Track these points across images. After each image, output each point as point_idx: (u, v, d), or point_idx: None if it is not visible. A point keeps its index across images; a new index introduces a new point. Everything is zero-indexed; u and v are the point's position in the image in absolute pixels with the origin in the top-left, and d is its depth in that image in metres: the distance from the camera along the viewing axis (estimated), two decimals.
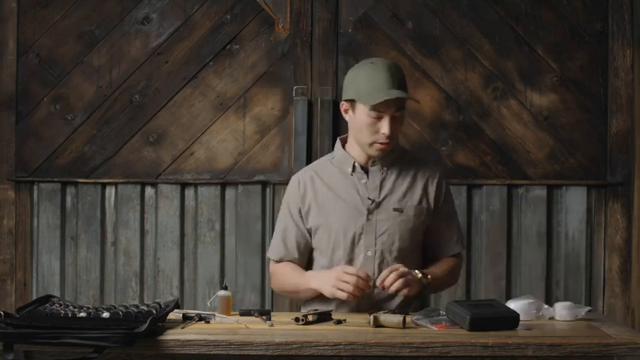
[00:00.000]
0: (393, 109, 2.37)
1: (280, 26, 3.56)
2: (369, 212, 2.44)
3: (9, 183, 3.59)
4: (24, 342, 1.92)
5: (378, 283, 2.30)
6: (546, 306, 2.26)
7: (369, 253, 2.43)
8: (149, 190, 3.59)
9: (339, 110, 2.54)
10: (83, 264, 3.58)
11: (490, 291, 3.49)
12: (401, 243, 2.44)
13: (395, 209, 2.44)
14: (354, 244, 2.44)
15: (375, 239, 2.43)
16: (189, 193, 3.58)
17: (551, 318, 2.24)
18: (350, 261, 2.44)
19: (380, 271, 2.38)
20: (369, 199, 2.44)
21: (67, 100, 3.59)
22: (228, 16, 3.57)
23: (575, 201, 3.52)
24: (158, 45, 3.58)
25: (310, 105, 3.50)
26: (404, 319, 2.07)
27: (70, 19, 3.59)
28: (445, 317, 2.14)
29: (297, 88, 3.52)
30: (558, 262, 3.53)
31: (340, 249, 2.44)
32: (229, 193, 3.57)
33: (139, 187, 3.58)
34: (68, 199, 3.60)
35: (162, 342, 1.94)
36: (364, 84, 2.38)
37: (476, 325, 2.03)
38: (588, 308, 2.28)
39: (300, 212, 2.51)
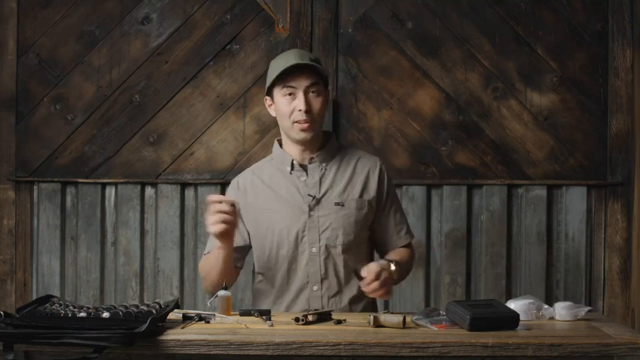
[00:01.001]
0: (305, 82, 2.41)
1: (280, 26, 3.56)
2: (311, 209, 2.45)
3: (9, 183, 3.59)
4: (24, 342, 1.91)
5: (364, 288, 2.30)
6: (546, 306, 2.26)
7: (314, 250, 2.44)
8: (149, 190, 3.59)
9: (339, 110, 2.56)
10: (83, 264, 3.58)
11: (490, 291, 3.49)
12: (345, 237, 2.45)
13: (336, 204, 2.46)
14: (297, 241, 2.45)
15: (319, 235, 2.44)
16: (189, 193, 3.58)
17: (551, 318, 2.24)
18: (294, 258, 2.45)
19: (326, 267, 2.43)
20: (309, 195, 2.45)
21: (67, 100, 3.59)
22: (228, 16, 3.57)
23: (575, 201, 3.52)
24: (158, 45, 3.58)
25: None
26: (404, 319, 2.07)
27: (70, 19, 3.59)
28: (445, 317, 2.14)
29: None
30: (558, 262, 3.53)
31: (284, 247, 2.46)
32: None
33: (139, 187, 3.58)
34: (68, 199, 3.60)
35: (162, 342, 1.94)
36: (274, 68, 2.45)
37: (476, 325, 2.03)
38: (588, 308, 2.27)
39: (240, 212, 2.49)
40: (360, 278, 2.30)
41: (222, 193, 3.55)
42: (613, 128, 3.51)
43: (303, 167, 2.50)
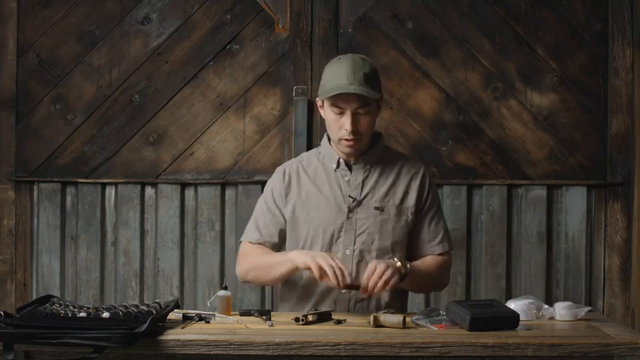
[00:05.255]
0: (355, 105, 2.38)
1: (280, 26, 3.56)
2: (350, 210, 2.44)
3: (9, 183, 3.59)
4: (24, 342, 1.92)
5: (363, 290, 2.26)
6: (546, 306, 2.26)
7: (348, 252, 2.43)
8: (149, 190, 3.59)
9: None
10: (83, 264, 3.58)
11: (490, 291, 3.49)
12: (380, 242, 2.43)
13: (376, 208, 2.44)
14: (332, 241, 2.44)
15: (355, 238, 2.43)
16: (189, 193, 3.58)
17: (551, 318, 2.24)
18: None
19: (358, 271, 2.39)
20: (350, 197, 2.44)
21: (67, 100, 3.59)
22: (228, 16, 3.57)
23: (575, 201, 3.52)
24: (158, 45, 3.58)
25: (310, 105, 3.50)
26: (404, 319, 2.07)
27: (70, 19, 3.59)
28: (445, 317, 2.14)
29: (297, 88, 3.52)
30: (558, 262, 3.53)
31: (318, 244, 2.44)
32: (229, 193, 3.57)
33: (139, 187, 3.58)
34: (68, 199, 3.60)
35: (162, 342, 1.94)
36: (328, 80, 2.42)
37: (476, 325, 2.03)
38: (588, 308, 2.28)
39: (281, 201, 2.51)
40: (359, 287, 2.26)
41: (223, 193, 3.56)
42: (613, 128, 3.51)
43: (348, 166, 2.49)
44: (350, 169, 2.48)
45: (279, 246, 2.55)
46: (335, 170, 2.48)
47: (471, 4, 3.53)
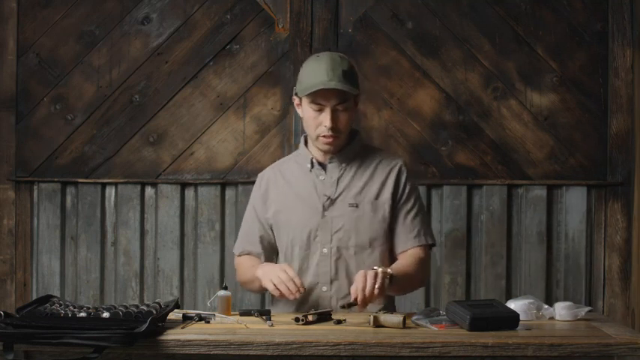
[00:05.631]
0: (334, 101, 2.38)
1: (280, 26, 3.56)
2: (325, 209, 2.45)
3: (9, 183, 3.59)
4: (24, 342, 1.92)
5: (354, 302, 2.24)
6: (546, 306, 2.26)
7: (325, 250, 2.44)
8: (149, 190, 3.59)
9: None
10: (83, 264, 3.58)
11: (490, 291, 3.49)
12: (357, 239, 2.43)
13: (350, 205, 2.44)
14: (310, 241, 2.45)
15: (331, 236, 2.44)
16: (189, 193, 3.58)
17: (551, 318, 2.24)
18: (306, 257, 2.45)
19: (337, 268, 2.42)
20: (324, 195, 2.45)
21: (67, 100, 3.59)
22: (228, 16, 3.57)
23: (575, 201, 3.52)
24: (158, 45, 3.58)
25: None
26: (404, 319, 2.07)
27: (70, 19, 3.59)
28: (445, 317, 2.14)
29: None
30: (558, 262, 3.53)
31: (297, 246, 2.47)
32: (229, 193, 3.57)
33: (138, 187, 3.58)
34: (68, 199, 3.60)
35: (162, 342, 1.94)
36: (305, 77, 2.42)
37: (476, 325, 2.03)
38: (588, 308, 2.27)
39: (262, 209, 2.54)
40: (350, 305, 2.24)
41: (222, 192, 3.56)
42: (613, 128, 3.51)
43: (323, 166, 2.50)
44: (324, 168, 2.49)
45: (267, 253, 2.57)
46: (310, 171, 2.49)
47: (471, 4, 3.53)
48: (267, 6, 3.56)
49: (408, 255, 2.47)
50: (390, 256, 2.50)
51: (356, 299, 2.19)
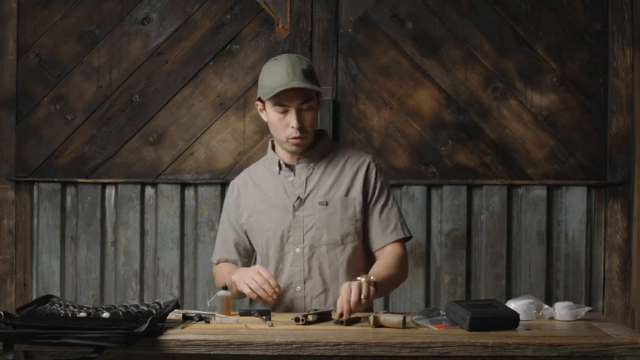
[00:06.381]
0: (297, 101, 2.40)
1: (280, 26, 3.56)
2: (295, 209, 2.46)
3: (9, 183, 3.59)
4: (24, 342, 1.92)
5: (341, 315, 2.20)
6: (546, 306, 2.26)
7: (298, 250, 2.45)
8: (149, 190, 3.59)
9: (339, 110, 2.55)
10: (83, 264, 3.58)
11: (490, 291, 3.49)
12: (329, 236, 2.43)
13: (320, 203, 2.45)
14: (283, 242, 2.47)
15: (303, 235, 2.45)
16: (189, 193, 3.58)
17: (551, 318, 2.24)
18: (281, 259, 2.46)
19: (310, 267, 2.44)
20: (294, 195, 2.47)
21: (67, 100, 3.59)
22: (228, 16, 3.57)
23: (575, 201, 3.52)
24: (158, 45, 3.58)
25: None
26: (404, 319, 2.07)
27: (70, 19, 3.59)
28: (445, 317, 2.14)
29: None
30: (558, 262, 3.53)
31: (272, 248, 2.48)
32: None
33: (138, 187, 3.58)
34: (68, 199, 3.60)
35: (162, 342, 1.94)
36: (267, 80, 2.44)
37: (476, 325, 2.03)
38: (588, 308, 2.27)
39: (236, 216, 2.56)
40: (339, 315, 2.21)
41: (222, 193, 3.56)
42: (613, 128, 3.51)
43: (291, 167, 2.51)
44: (292, 169, 2.50)
45: (242, 259, 2.59)
46: (279, 173, 2.51)
47: (471, 4, 3.53)
48: (267, 6, 3.56)
49: (387, 254, 2.47)
50: (363, 252, 2.51)
51: (342, 313, 2.17)
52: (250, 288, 2.31)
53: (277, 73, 2.41)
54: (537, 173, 3.53)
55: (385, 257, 2.47)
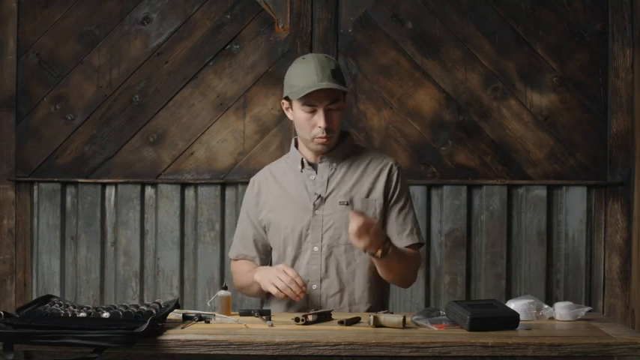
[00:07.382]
0: (326, 101, 2.40)
1: (280, 26, 3.56)
2: (315, 207, 2.47)
3: (9, 183, 3.59)
4: (24, 342, 1.92)
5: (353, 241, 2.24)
6: (546, 306, 2.26)
7: (316, 249, 2.46)
8: (149, 190, 3.59)
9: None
10: (83, 264, 3.58)
11: (490, 291, 3.49)
12: (348, 237, 2.42)
13: (341, 203, 2.46)
14: (301, 240, 2.47)
15: (322, 234, 2.46)
16: (189, 193, 3.58)
17: (551, 318, 2.24)
18: (298, 257, 2.47)
19: (327, 266, 2.44)
20: (315, 194, 2.46)
21: (67, 100, 3.59)
22: (228, 16, 3.57)
23: (575, 201, 3.52)
24: (158, 45, 3.58)
25: None
26: (404, 319, 2.07)
27: (70, 19, 3.59)
28: (445, 317, 2.14)
29: None
30: (558, 262, 3.53)
31: (290, 245, 2.49)
32: (229, 193, 3.57)
33: (138, 187, 3.58)
34: (68, 199, 3.60)
35: (162, 342, 1.94)
36: (295, 80, 2.43)
37: (476, 325, 2.03)
38: (588, 308, 2.27)
39: (255, 212, 2.57)
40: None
41: (223, 193, 3.56)
42: (613, 128, 3.51)
43: (313, 166, 2.51)
44: (315, 168, 2.51)
45: (261, 256, 2.60)
46: (301, 171, 2.51)
47: (471, 4, 3.53)
48: (267, 6, 3.56)
49: (406, 249, 2.49)
50: None
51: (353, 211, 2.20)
52: (277, 287, 2.31)
53: (307, 73, 2.41)
54: (537, 173, 3.53)
55: (404, 249, 2.48)
